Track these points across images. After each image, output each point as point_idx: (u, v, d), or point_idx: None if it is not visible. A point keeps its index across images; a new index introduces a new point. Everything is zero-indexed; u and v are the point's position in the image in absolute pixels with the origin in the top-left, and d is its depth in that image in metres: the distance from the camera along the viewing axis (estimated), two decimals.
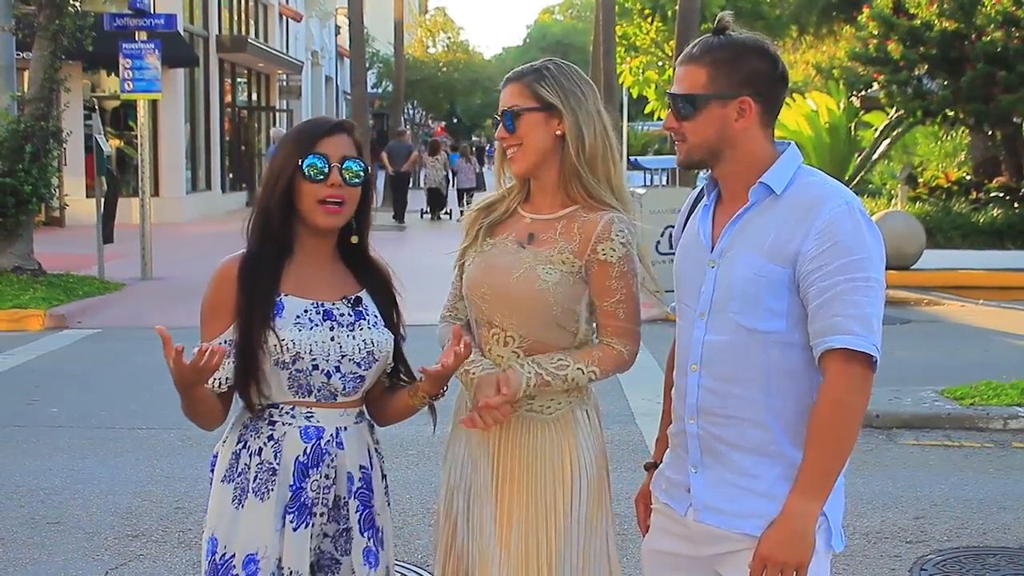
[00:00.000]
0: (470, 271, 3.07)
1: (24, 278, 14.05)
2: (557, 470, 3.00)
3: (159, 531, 5.80)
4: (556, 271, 2.96)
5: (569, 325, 3.00)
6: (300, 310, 2.80)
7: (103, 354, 10.85)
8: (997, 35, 18.99)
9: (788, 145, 2.71)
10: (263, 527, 2.78)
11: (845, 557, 5.26)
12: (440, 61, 55.14)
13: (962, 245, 18.80)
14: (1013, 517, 6.03)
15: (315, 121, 2.93)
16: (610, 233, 2.96)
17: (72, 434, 7.76)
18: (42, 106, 14.58)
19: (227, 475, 2.84)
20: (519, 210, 3.08)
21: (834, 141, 24.41)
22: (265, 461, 2.80)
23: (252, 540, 2.78)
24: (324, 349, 2.79)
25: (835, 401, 2.52)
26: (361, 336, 2.84)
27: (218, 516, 2.83)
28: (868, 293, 2.53)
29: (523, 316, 2.97)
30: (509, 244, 3.03)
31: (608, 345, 3.01)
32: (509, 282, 2.97)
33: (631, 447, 6.96)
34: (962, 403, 8.07)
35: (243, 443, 2.84)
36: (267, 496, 2.79)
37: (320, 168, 2.79)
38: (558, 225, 3.00)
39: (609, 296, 2.98)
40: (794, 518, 2.53)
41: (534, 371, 2.94)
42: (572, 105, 2.97)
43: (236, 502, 2.81)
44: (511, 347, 3.00)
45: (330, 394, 2.83)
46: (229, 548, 2.79)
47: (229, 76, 31.64)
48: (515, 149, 3.00)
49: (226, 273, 2.82)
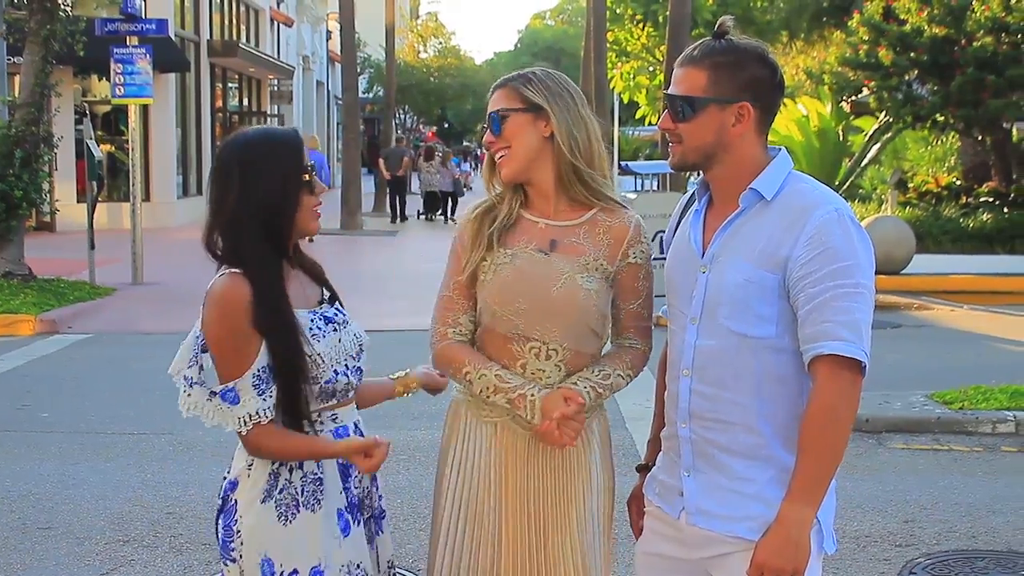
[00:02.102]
0: (495, 285, 2.92)
1: (15, 283, 14.03)
2: (575, 475, 2.97)
3: (150, 536, 5.80)
4: (594, 279, 2.92)
5: (602, 330, 2.99)
6: (308, 321, 2.80)
7: (94, 359, 10.84)
8: (987, 40, 19.06)
9: (779, 151, 2.73)
10: (319, 538, 2.78)
11: (835, 561, 5.27)
12: (431, 66, 55.08)
13: (952, 250, 18.87)
14: (1002, 520, 6.05)
15: (288, 133, 2.84)
16: (640, 236, 2.98)
17: (63, 439, 7.75)
18: (33, 111, 14.55)
19: (266, 495, 2.78)
20: (525, 215, 2.99)
21: (824, 146, 24.48)
22: (309, 473, 2.80)
23: (313, 553, 2.76)
24: (337, 352, 2.82)
25: (825, 407, 2.53)
26: (351, 330, 2.90)
27: (264, 537, 2.77)
28: (857, 299, 2.54)
29: (566, 326, 2.90)
30: (532, 253, 2.94)
31: (633, 347, 3.01)
32: (550, 294, 2.89)
33: (622, 451, 6.96)
34: (951, 407, 8.10)
35: (280, 461, 2.80)
36: (319, 507, 2.79)
37: (316, 178, 2.83)
38: (580, 231, 2.95)
39: (636, 297, 2.98)
40: (788, 524, 2.54)
41: (588, 385, 2.90)
42: (559, 105, 2.92)
43: (283, 519, 2.77)
44: (554, 360, 2.92)
45: (344, 392, 2.87)
46: (287, 565, 2.76)
47: (220, 81, 31.61)
48: (503, 153, 2.93)
49: (239, 300, 2.68)
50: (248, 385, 2.69)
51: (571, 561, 2.96)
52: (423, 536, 5.72)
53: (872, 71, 20.41)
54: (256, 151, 2.76)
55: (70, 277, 15.12)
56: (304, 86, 44.06)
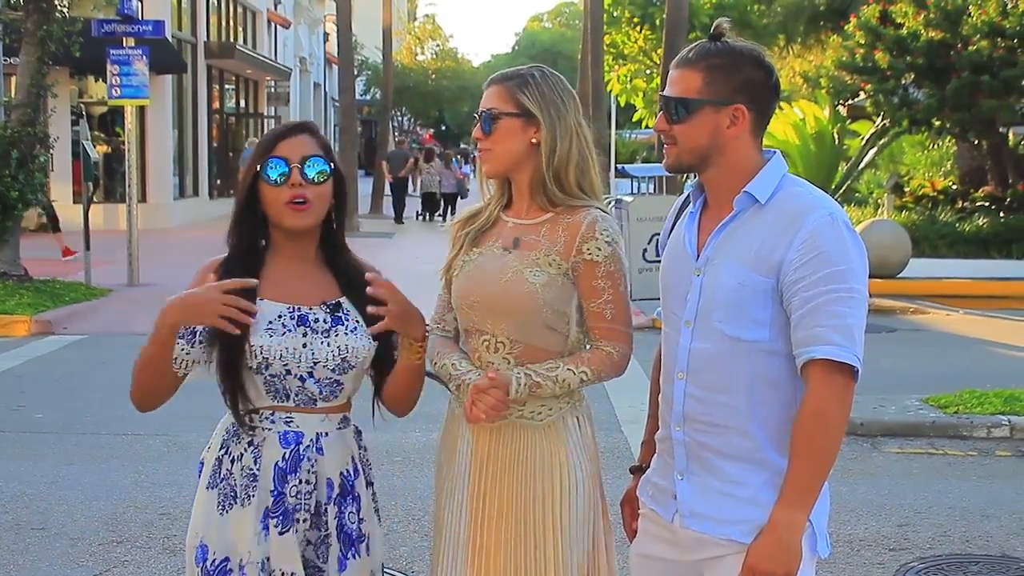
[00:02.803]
0: (459, 281, 3.05)
1: (10, 284, 14.01)
2: (547, 478, 2.96)
3: (144, 537, 5.79)
4: (543, 273, 2.94)
5: (560, 327, 2.96)
6: (274, 315, 2.79)
7: (89, 360, 10.83)
8: (983, 44, 19.09)
9: (773, 154, 2.72)
10: (246, 533, 2.77)
11: (828, 564, 5.27)
12: (429, 68, 55.16)
13: (948, 254, 18.89)
14: (996, 525, 6.05)
15: (279, 127, 2.93)
16: (595, 232, 2.94)
17: (57, 440, 7.75)
18: (29, 112, 14.55)
19: (211, 481, 2.84)
20: (501, 216, 3.08)
21: (820, 150, 24.47)
22: (246, 467, 2.80)
23: (240, 545, 2.78)
24: (295, 356, 2.77)
25: (817, 412, 2.53)
26: (336, 343, 2.82)
27: (205, 523, 2.82)
28: (850, 304, 2.54)
29: (513, 320, 2.95)
30: (495, 251, 3.02)
31: (598, 348, 2.98)
32: (497, 287, 2.95)
33: (616, 454, 6.96)
34: (946, 411, 8.10)
35: (225, 449, 2.84)
36: (248, 502, 2.78)
37: (280, 170, 2.78)
38: (542, 228, 2.99)
39: (596, 296, 2.95)
40: (780, 529, 2.54)
41: (524, 372, 2.92)
42: (552, 115, 2.96)
43: (220, 508, 2.81)
44: (501, 353, 2.97)
45: (309, 399, 2.82)
46: (219, 553, 2.79)
47: (217, 82, 31.60)
48: (488, 151, 3.01)
49: (205, 273, 2.82)
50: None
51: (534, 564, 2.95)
52: (416, 538, 5.72)
53: (869, 75, 20.44)
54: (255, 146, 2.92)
55: (66, 278, 15.12)
56: (301, 88, 44.08)
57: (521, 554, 2.95)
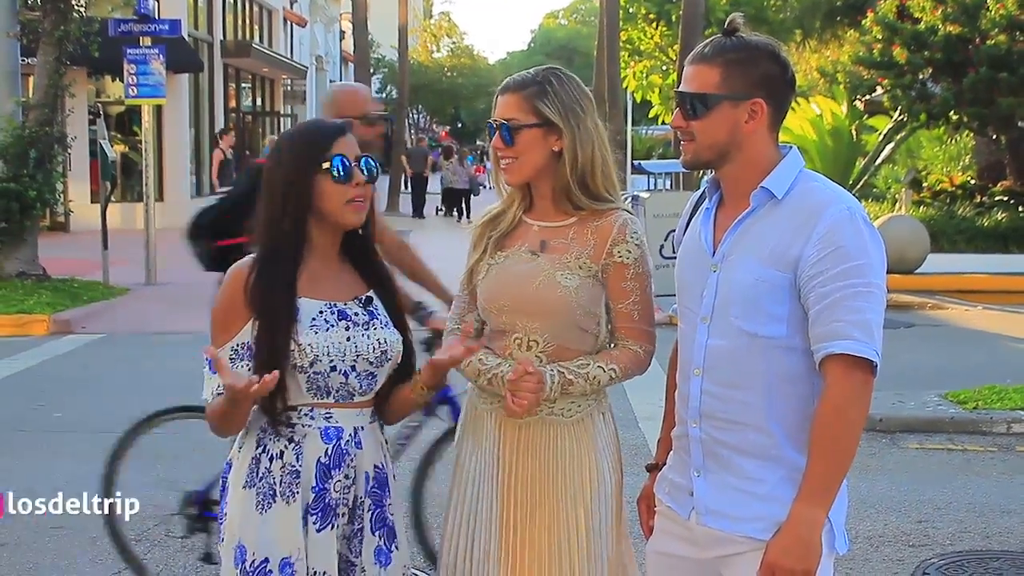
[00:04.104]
0: (486, 284, 3.05)
1: (29, 283, 14.08)
2: (577, 472, 3.00)
3: (162, 535, 5.80)
4: (575, 276, 2.96)
5: (591, 327, 3.01)
6: (315, 312, 2.81)
7: (107, 359, 10.87)
8: (1001, 39, 18.98)
9: (790, 149, 2.71)
10: (293, 530, 2.77)
11: (848, 561, 5.26)
12: (444, 66, 55.21)
13: (966, 249, 18.81)
14: (1016, 521, 6.02)
15: (319, 123, 2.93)
16: (625, 235, 2.98)
17: (76, 438, 7.77)
18: (47, 112, 14.61)
19: (248, 481, 2.82)
20: (524, 219, 3.07)
21: (838, 145, 24.39)
22: (287, 464, 2.80)
23: (285, 544, 2.77)
24: (340, 350, 2.80)
25: (836, 408, 2.52)
26: (375, 335, 2.85)
27: (242, 523, 2.81)
28: (869, 299, 2.53)
29: (546, 321, 2.97)
30: (523, 254, 3.02)
31: (625, 347, 3.02)
32: (529, 291, 2.96)
33: (634, 450, 6.95)
34: (965, 407, 8.07)
35: (262, 447, 2.83)
36: (293, 499, 2.78)
37: (347, 168, 2.79)
38: (569, 232, 3.00)
39: (625, 298, 3.00)
40: (799, 525, 2.53)
41: (556, 369, 2.94)
42: (572, 123, 2.97)
43: (260, 507, 2.80)
44: (535, 351, 2.99)
45: (348, 394, 2.84)
46: (259, 554, 2.78)
47: (233, 81, 31.70)
48: (510, 161, 3.00)
49: (238, 279, 2.79)
50: (225, 357, 2.75)
51: (567, 555, 2.96)
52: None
53: (886, 70, 20.34)
54: (287, 137, 2.92)
55: (84, 277, 15.16)
56: (317, 86, 44.14)
57: (555, 546, 2.97)
